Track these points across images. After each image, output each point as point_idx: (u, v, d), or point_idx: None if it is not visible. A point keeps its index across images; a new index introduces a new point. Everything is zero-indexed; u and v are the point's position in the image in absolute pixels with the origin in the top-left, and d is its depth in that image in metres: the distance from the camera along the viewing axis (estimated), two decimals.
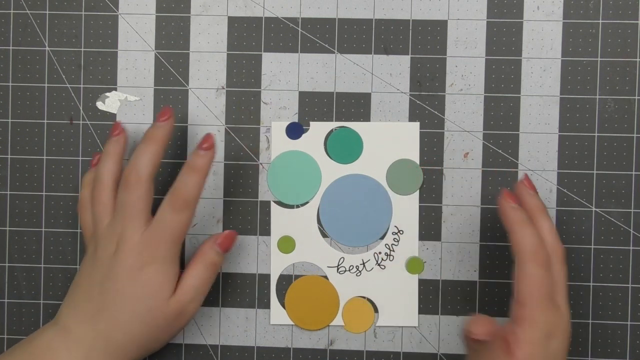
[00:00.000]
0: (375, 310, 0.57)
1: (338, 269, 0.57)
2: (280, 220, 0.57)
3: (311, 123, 0.57)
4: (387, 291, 0.56)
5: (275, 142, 0.57)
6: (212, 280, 0.53)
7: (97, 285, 0.51)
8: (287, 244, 0.57)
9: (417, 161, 0.57)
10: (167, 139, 0.52)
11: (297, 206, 0.57)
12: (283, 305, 0.57)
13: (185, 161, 0.51)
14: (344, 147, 0.57)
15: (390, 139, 0.57)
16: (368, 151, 0.57)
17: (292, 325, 0.57)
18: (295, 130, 0.57)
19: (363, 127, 0.57)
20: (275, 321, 0.57)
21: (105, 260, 0.51)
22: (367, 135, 0.57)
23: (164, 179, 0.57)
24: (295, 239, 0.57)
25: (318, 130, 0.57)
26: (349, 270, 0.57)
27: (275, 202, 0.57)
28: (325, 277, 0.57)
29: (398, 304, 0.57)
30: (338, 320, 0.57)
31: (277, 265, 0.57)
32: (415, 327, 0.57)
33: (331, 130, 0.57)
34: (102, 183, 0.52)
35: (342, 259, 0.57)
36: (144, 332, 0.51)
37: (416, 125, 0.57)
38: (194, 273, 0.52)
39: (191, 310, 0.52)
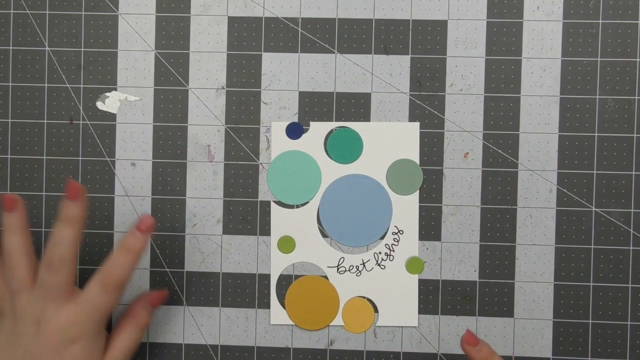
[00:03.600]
0: (375, 310, 0.57)
1: (338, 269, 0.57)
2: (280, 220, 0.57)
3: (311, 123, 0.57)
4: (387, 291, 0.56)
5: (275, 142, 0.57)
6: (141, 338, 0.54)
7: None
8: (287, 244, 0.57)
9: (417, 161, 0.57)
10: (84, 219, 0.51)
11: (297, 206, 0.57)
12: (283, 305, 0.57)
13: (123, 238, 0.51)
14: (344, 147, 0.57)
15: (390, 139, 0.57)
16: (368, 151, 0.57)
17: (292, 325, 0.57)
18: (295, 130, 0.57)
19: (363, 127, 0.57)
20: (275, 321, 0.57)
21: (27, 339, 0.49)
22: (367, 135, 0.57)
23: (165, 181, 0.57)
24: (295, 239, 0.57)
25: (318, 130, 0.57)
26: (349, 270, 0.57)
27: (275, 202, 0.57)
28: (325, 277, 0.57)
29: (398, 304, 0.57)
30: (338, 321, 0.57)
31: (277, 265, 0.57)
32: (415, 327, 0.57)
33: (331, 130, 0.57)
34: (16, 258, 0.50)
35: (342, 259, 0.57)
36: None
37: (416, 125, 0.57)
38: (126, 336, 0.53)
39: None
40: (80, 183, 0.58)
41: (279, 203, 0.57)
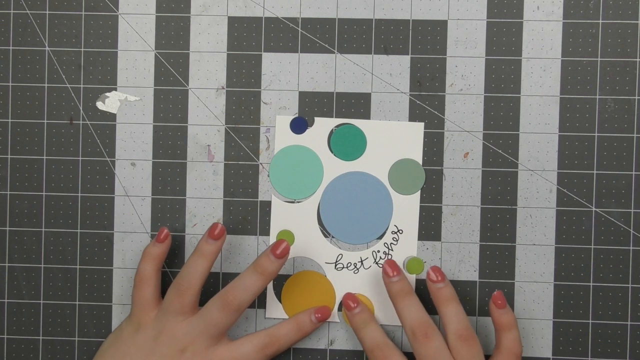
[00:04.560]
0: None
1: (336, 266, 0.57)
2: (280, 214, 0.57)
3: (316, 119, 0.57)
4: (384, 290, 0.56)
5: (279, 136, 0.57)
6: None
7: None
8: (286, 238, 0.57)
9: (420, 162, 0.57)
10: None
11: (298, 201, 0.57)
12: (280, 300, 0.57)
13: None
14: (347, 144, 0.57)
15: (394, 138, 0.57)
16: (371, 149, 0.57)
17: None
18: (299, 125, 0.57)
19: (367, 125, 0.57)
20: (270, 315, 0.57)
21: (171, 354, 0.52)
22: (371, 133, 0.57)
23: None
24: (294, 233, 0.57)
25: (322, 126, 0.57)
26: (347, 267, 0.57)
27: (275, 196, 0.57)
28: (323, 273, 0.57)
29: None
30: (333, 317, 0.57)
31: None
32: None
33: (335, 127, 0.57)
34: (195, 286, 0.53)
35: (340, 256, 0.57)
36: None
37: (420, 125, 0.57)
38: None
39: None
40: (81, 183, 0.58)
41: (280, 197, 0.57)
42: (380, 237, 0.57)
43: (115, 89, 0.58)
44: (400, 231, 0.57)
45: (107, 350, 0.54)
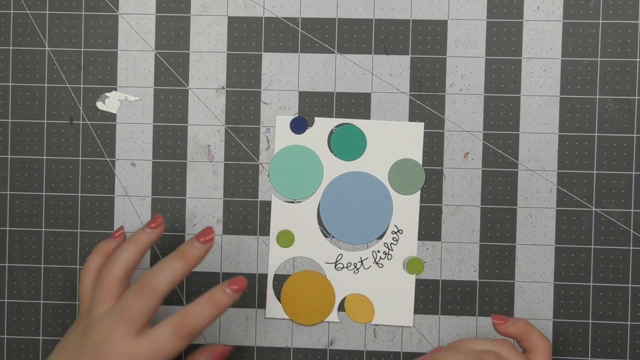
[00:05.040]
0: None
1: (336, 266, 0.57)
2: (280, 214, 0.57)
3: (316, 119, 0.57)
4: (384, 290, 0.56)
5: (279, 136, 0.57)
6: None
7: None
8: (286, 238, 0.57)
9: (420, 162, 0.57)
10: (198, 263, 0.50)
11: (298, 201, 0.57)
12: (280, 300, 0.57)
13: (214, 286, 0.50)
14: (347, 144, 0.57)
15: (394, 138, 0.57)
16: (371, 149, 0.57)
17: (291, 325, 0.57)
18: (299, 125, 0.57)
19: (367, 125, 0.57)
20: (270, 315, 0.57)
21: (86, 354, 0.48)
22: (371, 133, 0.57)
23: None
24: (294, 233, 0.57)
25: (322, 126, 0.57)
26: (347, 267, 0.57)
27: (275, 196, 0.57)
28: (323, 273, 0.57)
29: (394, 304, 0.57)
30: (333, 317, 0.57)
31: (275, 259, 0.57)
32: (410, 327, 0.57)
33: (335, 127, 0.57)
34: (117, 271, 0.50)
35: (340, 256, 0.57)
36: None
37: (420, 125, 0.57)
38: None
39: None
40: (81, 183, 0.58)
41: (280, 197, 0.57)
42: (380, 237, 0.57)
43: (115, 89, 0.58)
44: (400, 231, 0.57)
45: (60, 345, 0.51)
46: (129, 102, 0.58)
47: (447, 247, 0.57)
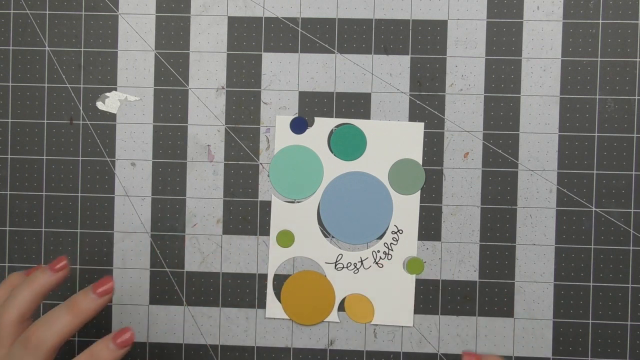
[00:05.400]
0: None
1: (336, 266, 0.57)
2: (280, 214, 0.57)
3: (316, 119, 0.57)
4: (384, 290, 0.56)
5: (279, 136, 0.57)
6: None
7: None
8: (286, 238, 0.57)
9: (420, 162, 0.57)
10: (91, 318, 0.46)
11: (298, 201, 0.57)
12: (280, 300, 0.57)
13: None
14: (347, 144, 0.57)
15: (394, 138, 0.57)
16: (371, 149, 0.57)
17: (291, 325, 0.57)
18: (299, 125, 0.57)
19: (367, 125, 0.57)
20: (270, 315, 0.57)
21: None
22: (371, 133, 0.57)
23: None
24: (294, 233, 0.57)
25: (322, 126, 0.57)
26: (347, 267, 0.57)
27: (275, 196, 0.57)
28: (323, 273, 0.57)
29: (394, 304, 0.57)
30: (333, 317, 0.57)
31: (275, 258, 0.57)
32: (410, 327, 0.57)
33: (335, 127, 0.57)
34: (11, 315, 0.46)
35: (340, 256, 0.57)
36: None
37: (420, 125, 0.57)
38: None
39: None
40: (81, 183, 0.58)
41: (280, 197, 0.57)
42: (380, 237, 0.57)
43: (115, 89, 0.58)
44: (400, 231, 0.57)
45: None
46: (129, 102, 0.58)
47: (447, 247, 0.57)
